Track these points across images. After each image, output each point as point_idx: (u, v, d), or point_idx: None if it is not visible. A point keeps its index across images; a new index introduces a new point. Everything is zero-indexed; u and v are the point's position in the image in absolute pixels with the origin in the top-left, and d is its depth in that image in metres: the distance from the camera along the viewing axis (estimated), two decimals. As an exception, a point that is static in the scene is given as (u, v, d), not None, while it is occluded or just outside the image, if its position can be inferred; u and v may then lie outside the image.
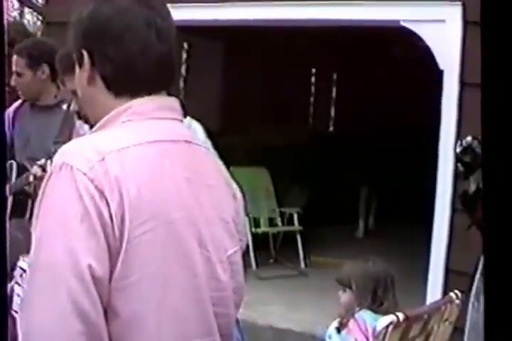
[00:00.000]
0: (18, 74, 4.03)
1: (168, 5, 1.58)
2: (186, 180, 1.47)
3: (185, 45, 8.82)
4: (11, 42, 8.17)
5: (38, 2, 13.03)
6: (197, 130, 3.07)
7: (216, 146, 2.75)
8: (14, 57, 4.06)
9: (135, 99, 1.48)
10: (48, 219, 1.35)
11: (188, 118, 2.92)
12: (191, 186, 1.47)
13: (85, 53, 1.49)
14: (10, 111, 4.18)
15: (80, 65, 1.52)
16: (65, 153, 1.40)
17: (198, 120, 3.13)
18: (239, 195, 1.71)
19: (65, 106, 3.90)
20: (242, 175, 4.97)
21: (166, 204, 1.41)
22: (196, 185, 1.49)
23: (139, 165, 1.40)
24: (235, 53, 9.14)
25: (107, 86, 1.49)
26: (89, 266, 1.29)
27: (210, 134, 3.09)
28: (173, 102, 1.56)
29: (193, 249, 1.44)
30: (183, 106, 1.60)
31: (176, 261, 1.41)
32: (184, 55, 8.88)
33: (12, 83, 4.06)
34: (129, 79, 1.49)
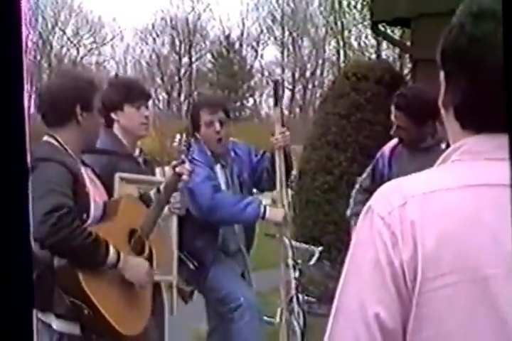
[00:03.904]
0: (400, 127, 3.96)
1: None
2: None
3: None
4: (379, 80, 8.22)
5: (395, 34, 13.28)
6: None
7: None
8: (395, 111, 3.95)
9: (472, 136, 1.30)
10: (348, 263, 1.31)
11: None
12: None
13: (442, 74, 1.34)
14: (386, 150, 4.17)
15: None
16: (376, 194, 1.32)
17: None
18: None
19: (443, 146, 3.74)
20: None
21: (476, 259, 1.23)
22: None
23: (444, 212, 1.24)
24: None
25: (455, 114, 1.33)
26: (377, 316, 1.23)
27: None
28: None
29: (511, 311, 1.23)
30: None
31: (482, 321, 1.23)
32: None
33: (392, 133, 4.03)
34: (476, 113, 1.30)
